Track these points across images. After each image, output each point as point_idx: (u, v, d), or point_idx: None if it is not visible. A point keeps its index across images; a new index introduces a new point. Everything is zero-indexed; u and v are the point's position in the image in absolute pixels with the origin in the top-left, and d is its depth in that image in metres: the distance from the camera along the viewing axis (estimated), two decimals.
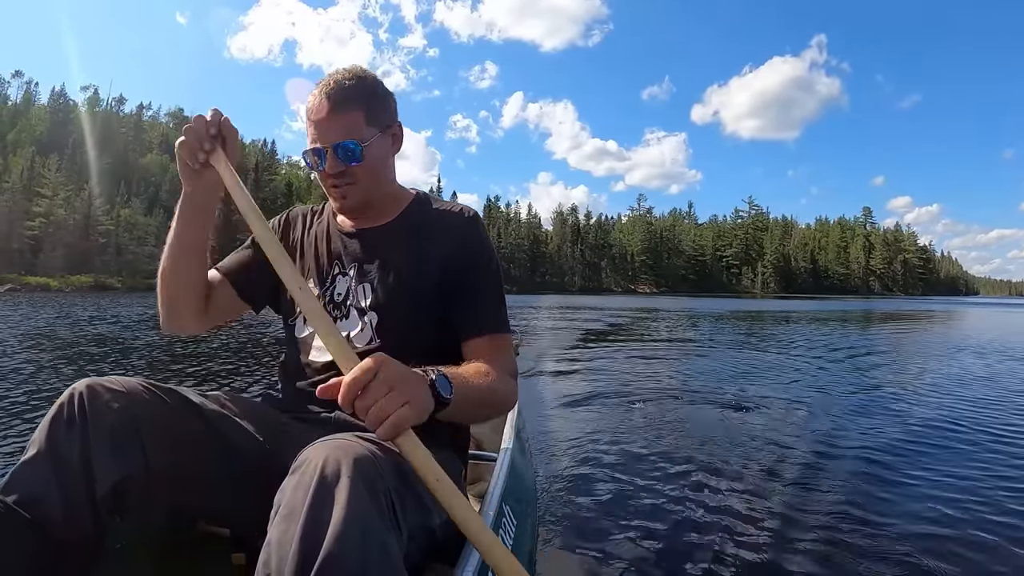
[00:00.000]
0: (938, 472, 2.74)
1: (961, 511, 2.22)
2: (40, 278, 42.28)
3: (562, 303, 32.35)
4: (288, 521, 0.63)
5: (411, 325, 1.03)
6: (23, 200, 50.11)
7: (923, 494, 2.43)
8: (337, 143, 1.00)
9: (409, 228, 1.11)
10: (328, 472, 0.66)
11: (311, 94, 1.03)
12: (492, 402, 0.97)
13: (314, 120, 1.02)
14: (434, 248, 1.07)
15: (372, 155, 1.04)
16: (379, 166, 1.06)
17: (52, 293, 34.96)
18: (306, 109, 1.03)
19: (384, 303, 1.04)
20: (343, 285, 1.07)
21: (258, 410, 1.02)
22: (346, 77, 1.02)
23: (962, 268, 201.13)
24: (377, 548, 0.64)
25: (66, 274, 44.96)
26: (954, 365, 7.28)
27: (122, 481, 0.81)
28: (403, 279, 1.05)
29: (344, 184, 1.04)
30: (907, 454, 3.08)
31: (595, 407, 4.13)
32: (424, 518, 0.81)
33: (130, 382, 0.88)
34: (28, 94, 76.72)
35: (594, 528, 1.97)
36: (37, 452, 0.79)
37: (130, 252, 52.88)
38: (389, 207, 1.13)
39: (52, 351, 7.11)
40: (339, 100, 1.00)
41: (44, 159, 56.05)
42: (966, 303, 56.56)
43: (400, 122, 1.11)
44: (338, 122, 1.00)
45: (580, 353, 7.63)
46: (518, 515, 1.15)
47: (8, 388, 4.64)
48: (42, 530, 0.76)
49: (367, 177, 1.05)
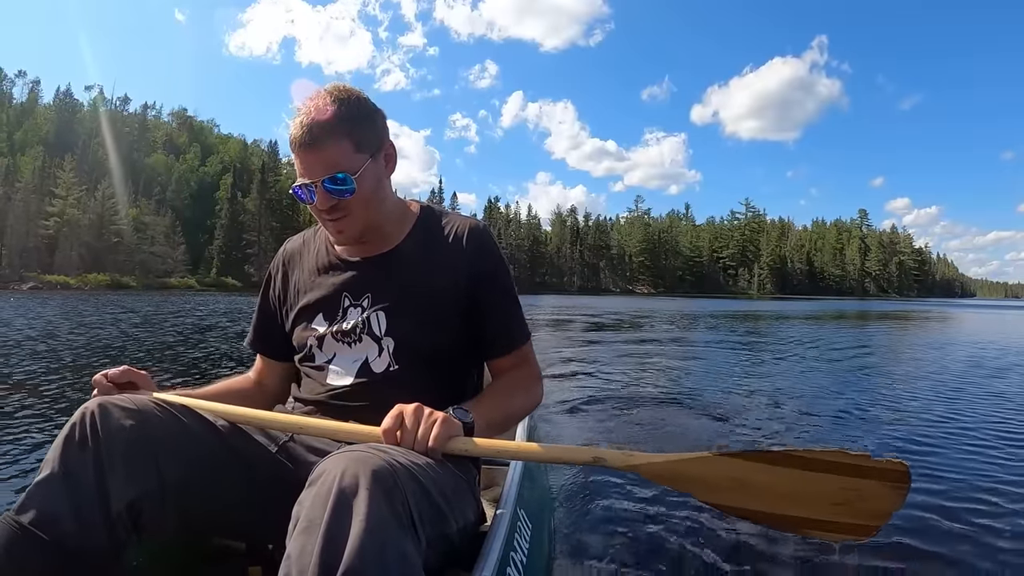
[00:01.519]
0: (936, 469, 2.71)
1: (960, 508, 2.18)
2: (58, 276, 43.66)
3: (561, 304, 32.45)
4: (307, 534, 0.64)
5: (429, 347, 1.04)
6: (36, 200, 51.20)
7: (920, 487, 2.41)
8: (325, 177, 0.96)
9: (419, 250, 1.08)
10: (346, 484, 0.66)
11: (292, 122, 0.97)
12: (517, 416, 1.06)
13: (299, 153, 0.97)
14: (447, 268, 1.06)
15: (364, 184, 0.99)
16: (373, 194, 1.02)
17: (72, 291, 36.26)
18: (289, 139, 0.98)
19: (401, 329, 1.03)
20: (355, 315, 1.06)
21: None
22: (327, 102, 0.96)
23: (957, 270, 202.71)
24: (397, 559, 0.64)
25: (83, 273, 46.32)
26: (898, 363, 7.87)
27: (137, 499, 0.81)
28: (419, 304, 1.04)
29: (339, 217, 1.00)
30: (905, 450, 3.06)
31: (607, 409, 4.13)
32: (441, 526, 0.81)
33: (141, 399, 0.88)
34: (33, 94, 77.57)
35: (611, 530, 1.94)
36: (51, 472, 0.79)
37: (143, 251, 54.17)
38: (393, 228, 1.10)
39: (99, 351, 7.24)
40: (322, 131, 0.95)
41: (54, 159, 57.06)
42: (958, 305, 56.04)
43: (391, 141, 1.06)
44: (324, 155, 0.95)
45: (587, 354, 7.65)
46: (534, 520, 1.17)
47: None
48: (58, 550, 0.76)
49: (362, 207, 1.00)
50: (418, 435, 0.82)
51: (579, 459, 0.92)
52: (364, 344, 1.04)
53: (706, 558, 1.77)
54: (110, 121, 71.55)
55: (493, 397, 1.03)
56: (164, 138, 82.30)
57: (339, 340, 1.05)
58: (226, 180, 74.94)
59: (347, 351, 1.05)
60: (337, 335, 1.05)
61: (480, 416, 0.92)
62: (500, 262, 1.10)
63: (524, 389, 1.07)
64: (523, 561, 0.96)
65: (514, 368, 1.10)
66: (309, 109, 0.96)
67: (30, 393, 4.26)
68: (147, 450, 0.83)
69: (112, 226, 54.69)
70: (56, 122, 68.95)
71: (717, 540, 1.88)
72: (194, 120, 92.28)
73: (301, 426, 0.93)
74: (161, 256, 56.78)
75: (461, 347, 1.07)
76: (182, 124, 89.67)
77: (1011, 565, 1.77)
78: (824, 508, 0.84)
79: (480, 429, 0.91)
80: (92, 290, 39.13)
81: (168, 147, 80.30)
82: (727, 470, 0.86)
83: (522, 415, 1.08)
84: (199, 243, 65.65)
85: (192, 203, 70.87)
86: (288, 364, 1.18)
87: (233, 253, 67.85)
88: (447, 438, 0.84)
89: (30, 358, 6.18)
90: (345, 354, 1.05)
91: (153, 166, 73.01)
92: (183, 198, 70.27)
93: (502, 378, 1.09)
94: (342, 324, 1.06)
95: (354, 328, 1.05)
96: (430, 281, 1.05)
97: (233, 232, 69.20)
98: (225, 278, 62.07)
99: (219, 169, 79.61)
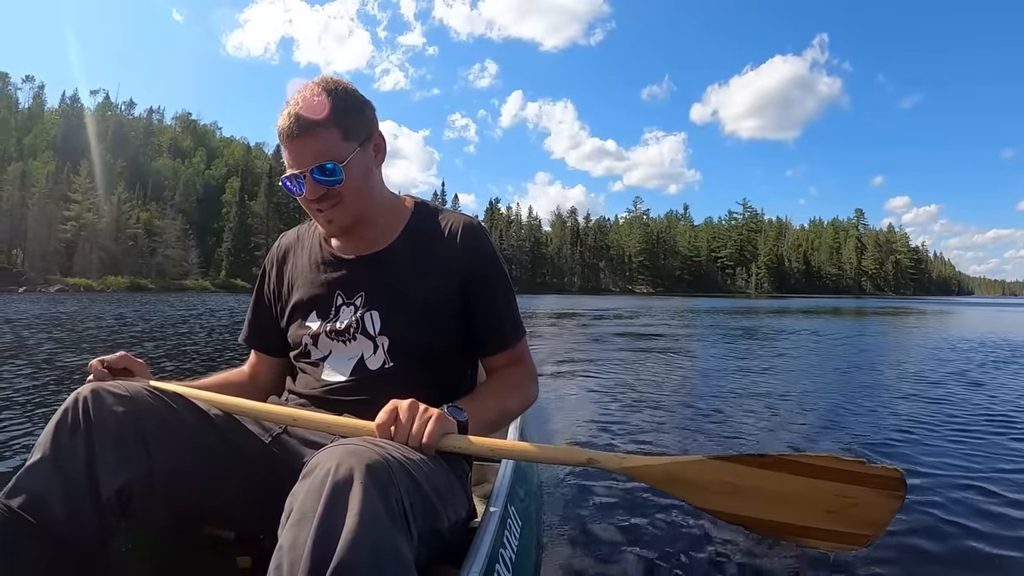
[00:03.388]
0: (933, 465, 2.67)
1: (960, 514, 2.11)
2: (80, 279, 45.20)
3: (562, 304, 32.37)
4: (300, 526, 0.64)
5: (424, 347, 1.04)
6: (51, 204, 52.48)
7: (918, 484, 2.37)
8: (313, 166, 0.96)
9: (413, 248, 1.08)
10: (340, 477, 0.66)
11: (281, 114, 0.97)
12: (511, 414, 1.09)
13: (287, 144, 0.97)
14: (441, 267, 1.06)
15: (353, 173, 0.99)
16: (362, 183, 1.02)
17: (95, 293, 37.62)
18: (277, 130, 0.98)
19: (396, 327, 1.03)
20: (348, 314, 1.06)
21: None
22: (315, 93, 0.96)
23: (954, 268, 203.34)
24: (390, 553, 0.64)
25: (103, 275, 47.93)
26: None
27: (127, 485, 0.81)
28: (413, 304, 1.04)
29: (328, 207, 1.00)
30: (900, 444, 3.05)
31: (598, 407, 4.15)
32: (433, 521, 0.81)
33: (134, 386, 0.88)
34: (38, 98, 78.40)
35: (600, 530, 1.95)
36: (41, 457, 0.79)
37: (158, 255, 55.88)
38: (385, 223, 1.09)
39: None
40: (310, 120, 0.95)
41: (65, 164, 58.19)
42: (953, 303, 55.06)
43: (380, 131, 1.06)
44: (312, 144, 0.96)
45: (581, 353, 7.62)
46: (523, 517, 1.18)
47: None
48: (46, 534, 0.76)
49: (352, 196, 1.00)
50: (412, 431, 0.83)
51: (572, 460, 0.92)
52: (359, 342, 1.05)
53: (695, 560, 1.75)
54: (111, 125, 72.68)
55: (487, 395, 1.04)
56: (169, 142, 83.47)
57: (333, 338, 1.06)
58: (232, 184, 76.26)
59: (342, 349, 1.06)
60: (331, 333, 1.06)
61: (474, 414, 0.94)
62: (494, 260, 1.10)
63: (518, 387, 1.09)
64: (512, 558, 0.98)
65: (508, 366, 1.11)
66: (297, 100, 0.96)
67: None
68: (138, 436, 0.83)
69: (128, 230, 56.47)
70: (63, 127, 70.02)
71: (707, 542, 1.86)
72: (197, 124, 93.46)
73: (295, 418, 0.93)
74: (175, 259, 58.60)
75: (456, 345, 1.08)
76: (186, 128, 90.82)
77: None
78: (817, 515, 0.84)
79: (474, 427, 0.92)
80: (113, 292, 40.62)
81: (173, 151, 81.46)
82: (720, 474, 0.86)
83: (516, 413, 1.12)
84: (206, 246, 67.07)
85: (199, 206, 72.20)
86: (282, 359, 1.18)
87: (242, 255, 69.31)
88: (441, 435, 0.85)
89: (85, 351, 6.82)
90: (340, 352, 1.06)
91: (160, 170, 74.19)
92: (191, 202, 71.51)
93: (496, 376, 1.11)
94: (335, 323, 1.06)
95: (348, 327, 1.05)
96: (424, 281, 1.05)
97: (241, 235, 70.81)
98: (234, 279, 63.80)
99: (224, 173, 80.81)
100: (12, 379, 4.62)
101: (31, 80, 79.44)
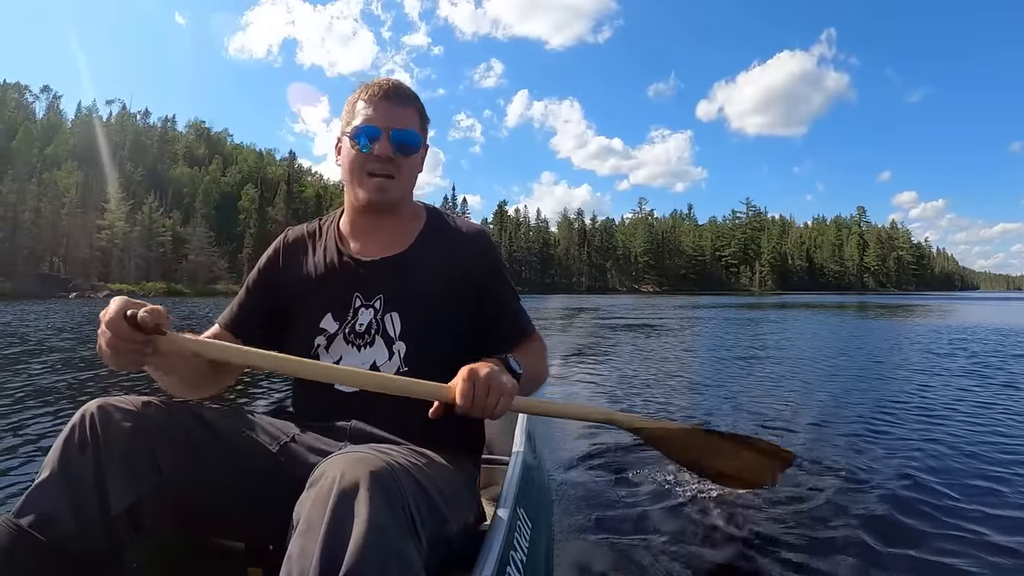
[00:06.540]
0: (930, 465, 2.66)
1: (959, 503, 2.16)
2: (122, 284, 47.30)
3: (570, 303, 32.85)
4: (308, 536, 0.64)
5: (440, 351, 1.05)
6: (81, 214, 54.45)
7: (916, 484, 2.36)
8: (397, 129, 1.03)
9: (430, 253, 1.11)
10: (347, 485, 0.66)
11: (374, 80, 1.06)
12: (539, 378, 1.16)
13: (376, 102, 1.03)
14: (457, 272, 1.10)
15: (418, 156, 1.09)
16: (417, 169, 1.09)
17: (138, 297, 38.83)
18: (368, 88, 1.06)
19: (414, 332, 1.05)
20: (366, 316, 1.06)
21: (270, 423, 1.00)
22: (403, 84, 1.07)
23: (958, 264, 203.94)
24: (398, 561, 0.64)
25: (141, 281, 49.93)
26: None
27: (137, 500, 0.81)
28: (433, 307, 1.07)
29: (386, 174, 1.04)
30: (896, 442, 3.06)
31: (607, 393, 4.24)
32: (441, 527, 0.81)
33: (140, 400, 0.88)
34: (55, 109, 79.84)
35: (612, 532, 1.92)
36: (50, 474, 0.78)
37: (189, 261, 58.15)
38: (404, 225, 1.13)
39: None
40: (405, 95, 1.06)
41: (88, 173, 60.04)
42: (953, 298, 54.04)
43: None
44: (403, 112, 1.05)
45: (589, 351, 7.71)
46: (533, 519, 1.18)
47: None
48: (57, 552, 0.75)
49: (407, 175, 1.07)
50: (486, 404, 0.87)
51: (595, 417, 1.13)
52: (375, 348, 1.05)
53: (704, 558, 1.76)
54: (134, 134, 74.45)
55: (526, 355, 1.05)
56: (184, 150, 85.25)
57: (350, 342, 1.06)
58: (248, 191, 78.34)
59: (355, 354, 1.05)
60: (349, 336, 1.06)
61: (524, 370, 0.99)
62: (502, 262, 1.17)
63: (543, 358, 1.17)
64: (523, 560, 0.97)
65: (531, 348, 1.16)
66: (390, 79, 1.07)
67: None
68: (146, 451, 0.83)
69: (159, 237, 58.75)
70: (81, 136, 71.58)
71: (716, 542, 1.87)
72: (210, 132, 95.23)
73: (354, 377, 0.91)
74: (206, 264, 60.81)
75: (470, 349, 1.08)
76: (200, 135, 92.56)
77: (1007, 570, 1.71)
78: (743, 469, 1.26)
79: (524, 379, 0.97)
80: (154, 296, 42.24)
81: (188, 159, 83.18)
82: (699, 440, 1.24)
83: (543, 380, 1.18)
84: (225, 252, 68.86)
85: (217, 213, 74.02)
86: None
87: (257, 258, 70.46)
88: (508, 406, 0.90)
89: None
90: (353, 357, 1.05)
91: (178, 178, 76.04)
92: (209, 209, 73.34)
93: (520, 348, 1.12)
94: (354, 325, 1.06)
95: (368, 329, 1.05)
96: (441, 286, 1.08)
97: (262, 240, 72.23)
98: None
99: (239, 180, 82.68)
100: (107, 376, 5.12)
101: (48, 91, 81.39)
